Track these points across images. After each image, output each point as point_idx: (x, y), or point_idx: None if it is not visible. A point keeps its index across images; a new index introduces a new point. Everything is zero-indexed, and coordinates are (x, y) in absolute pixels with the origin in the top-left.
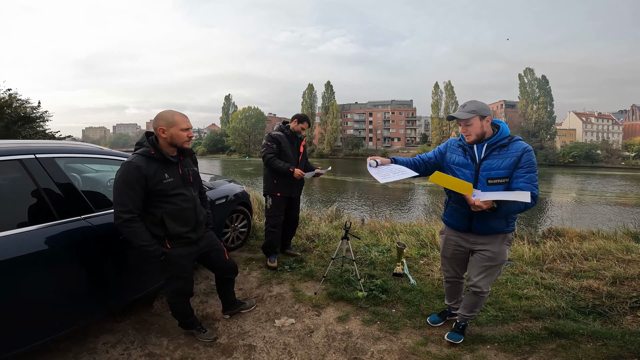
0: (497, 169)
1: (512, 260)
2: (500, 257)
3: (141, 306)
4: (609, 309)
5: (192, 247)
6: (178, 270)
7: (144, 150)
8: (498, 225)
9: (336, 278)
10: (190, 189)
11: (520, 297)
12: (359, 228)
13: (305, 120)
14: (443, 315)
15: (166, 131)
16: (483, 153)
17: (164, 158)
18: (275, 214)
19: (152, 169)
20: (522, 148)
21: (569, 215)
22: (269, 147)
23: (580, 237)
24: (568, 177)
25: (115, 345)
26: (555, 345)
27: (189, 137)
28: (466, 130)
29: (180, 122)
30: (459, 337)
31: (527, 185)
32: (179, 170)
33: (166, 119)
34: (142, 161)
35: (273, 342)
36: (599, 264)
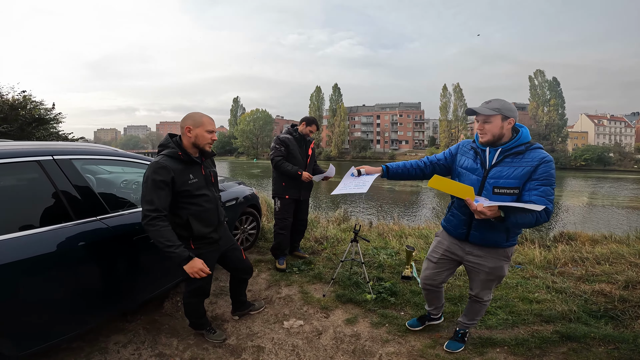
0: (506, 178)
1: (522, 264)
2: (497, 272)
3: (152, 306)
4: (621, 313)
5: (214, 247)
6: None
7: (170, 151)
8: (497, 239)
9: (345, 280)
10: (212, 189)
11: (531, 301)
12: (367, 231)
13: (314, 123)
14: (422, 319)
15: (192, 130)
16: (495, 158)
17: (189, 159)
18: (284, 216)
19: (179, 170)
20: (539, 158)
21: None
22: (277, 150)
23: (593, 241)
24: (580, 180)
25: (126, 345)
26: (566, 348)
27: (212, 139)
28: (483, 128)
29: (206, 124)
30: (459, 345)
31: (541, 199)
32: (202, 171)
33: (194, 119)
34: (169, 161)
35: (281, 343)
36: (612, 268)
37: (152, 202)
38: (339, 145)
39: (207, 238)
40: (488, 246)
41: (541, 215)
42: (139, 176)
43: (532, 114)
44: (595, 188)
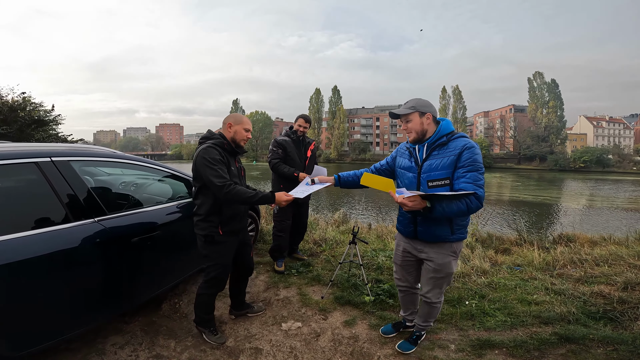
0: (436, 170)
1: (521, 265)
2: (445, 269)
3: (150, 308)
4: (620, 314)
5: (236, 238)
6: (222, 259)
7: (218, 140)
8: (442, 233)
9: (343, 282)
10: (243, 181)
11: (530, 303)
12: (366, 233)
13: (299, 118)
14: (397, 326)
15: (233, 126)
16: (424, 154)
17: (231, 148)
18: (282, 218)
19: (224, 157)
20: (461, 145)
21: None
22: (275, 153)
23: (592, 242)
24: (579, 182)
25: (124, 347)
26: (565, 350)
27: (247, 137)
28: (407, 128)
29: (245, 123)
30: (410, 347)
31: (469, 185)
32: (236, 163)
33: (235, 117)
34: (218, 148)
35: (279, 345)
36: (611, 270)
37: (220, 175)
38: (338, 147)
39: (232, 225)
40: (435, 241)
41: (472, 201)
42: (138, 178)
43: (532, 116)
44: (594, 190)
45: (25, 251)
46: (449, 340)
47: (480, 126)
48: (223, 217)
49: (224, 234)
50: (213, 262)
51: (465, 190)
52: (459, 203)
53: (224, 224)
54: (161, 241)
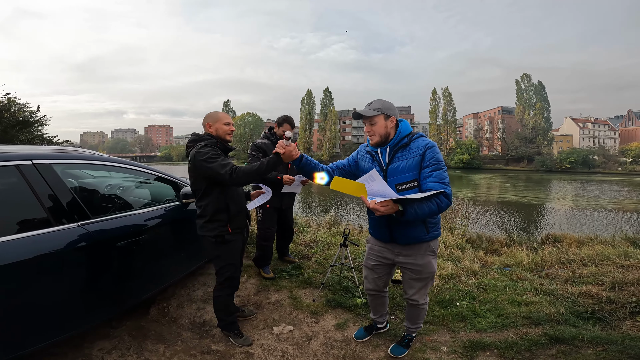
0: (402, 173)
1: (510, 266)
2: (427, 269)
3: (138, 312)
4: (608, 314)
5: (241, 236)
6: (233, 258)
7: (209, 141)
8: (418, 234)
9: (335, 285)
10: None
11: (520, 303)
12: (357, 235)
13: (286, 122)
14: (369, 329)
15: (212, 126)
16: (388, 157)
17: (224, 147)
18: (268, 225)
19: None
20: (423, 145)
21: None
22: (254, 157)
23: (579, 242)
24: (565, 183)
25: (111, 352)
26: (555, 351)
27: (230, 130)
28: (370, 130)
29: (222, 118)
30: (403, 350)
31: (437, 184)
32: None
33: (211, 116)
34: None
35: (271, 349)
36: (598, 270)
37: (224, 165)
38: (329, 149)
39: (239, 222)
40: (413, 243)
41: (441, 200)
42: (124, 181)
43: (519, 118)
44: (580, 190)
45: (5, 256)
46: (441, 342)
47: (470, 127)
48: (231, 214)
49: (233, 232)
50: (225, 262)
51: (434, 190)
52: (430, 204)
53: (232, 221)
54: (148, 245)
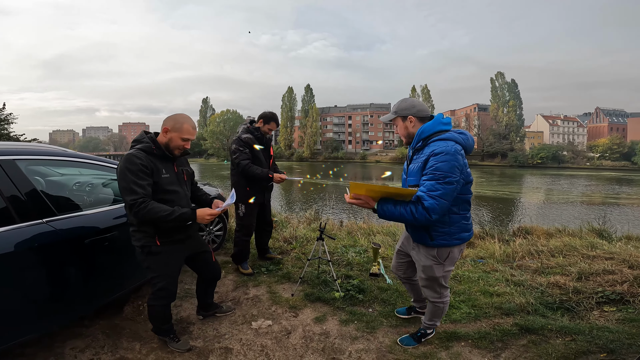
0: (411, 176)
1: (484, 258)
2: (427, 272)
3: (111, 311)
4: (576, 304)
5: (180, 247)
6: (165, 269)
7: (144, 145)
8: (420, 237)
9: (313, 279)
10: (183, 187)
11: (492, 294)
12: (337, 230)
13: (272, 121)
14: (409, 310)
15: (169, 133)
16: (410, 157)
17: (162, 154)
18: (250, 221)
19: (152, 163)
20: (429, 152)
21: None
22: (242, 153)
23: (548, 234)
24: (537, 177)
25: (84, 350)
26: (525, 341)
27: (184, 147)
28: (397, 132)
29: (185, 131)
30: (411, 342)
31: (423, 194)
32: (174, 168)
33: (175, 122)
34: (142, 154)
35: (250, 344)
36: (565, 260)
37: (133, 191)
38: (311, 145)
39: (174, 236)
40: (419, 242)
41: (417, 210)
42: (94, 178)
43: (493, 115)
44: (551, 185)
45: None
46: None
47: None
48: (159, 227)
49: (163, 244)
50: (156, 273)
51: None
52: (403, 209)
53: (162, 233)
54: (119, 242)
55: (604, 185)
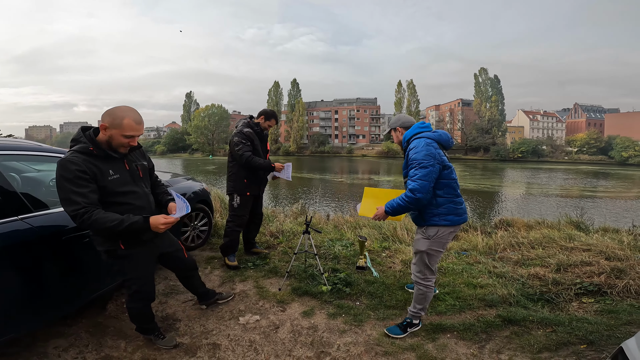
0: (404, 170)
1: (467, 250)
2: (416, 246)
3: (94, 309)
4: (555, 296)
5: (147, 247)
6: (137, 271)
7: (81, 146)
8: (417, 220)
9: (300, 273)
10: (141, 185)
11: (475, 286)
12: (324, 223)
13: (273, 118)
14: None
15: (108, 130)
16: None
17: (104, 154)
18: (243, 213)
19: (93, 166)
20: (409, 149)
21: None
22: (245, 145)
23: (528, 226)
24: (517, 171)
25: (68, 349)
26: (508, 332)
27: (129, 144)
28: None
29: (126, 128)
30: (397, 331)
31: (408, 181)
32: (125, 165)
33: (113, 117)
34: (79, 158)
35: (238, 339)
36: (544, 252)
37: (74, 201)
38: (297, 140)
39: (138, 238)
40: (418, 225)
41: (405, 196)
42: None
43: (477, 110)
44: (531, 178)
45: None
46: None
47: (432, 119)
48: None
49: (128, 247)
50: (129, 276)
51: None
52: (398, 200)
53: (124, 238)
54: None
55: (582, 179)
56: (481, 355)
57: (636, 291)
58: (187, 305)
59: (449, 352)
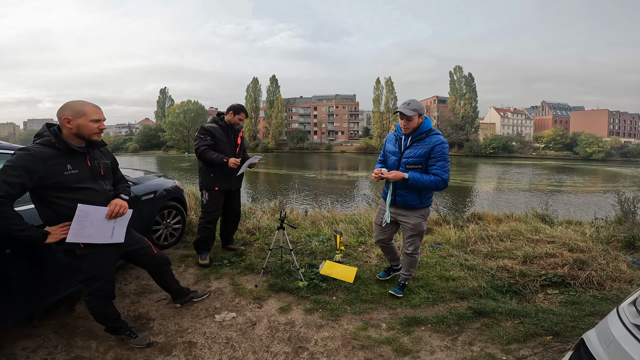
0: (413, 157)
1: (441, 243)
2: (418, 228)
3: (61, 310)
4: (522, 287)
5: (108, 246)
6: (97, 270)
7: (44, 139)
8: (412, 202)
9: (277, 269)
10: (101, 183)
11: (448, 279)
12: (301, 219)
13: (242, 111)
14: (388, 271)
15: (72, 121)
16: (407, 144)
17: (67, 148)
18: (213, 209)
19: (52, 159)
20: (434, 141)
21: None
22: (202, 140)
23: (497, 220)
24: (489, 166)
25: (36, 350)
26: (479, 324)
27: (99, 129)
28: (407, 125)
29: (90, 113)
30: (399, 292)
31: (439, 171)
32: (87, 162)
33: (74, 108)
34: (41, 149)
35: (214, 337)
36: (512, 245)
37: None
38: (276, 136)
39: None
40: (408, 207)
41: (439, 182)
42: None
43: (451, 107)
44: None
45: None
46: (380, 319)
47: None
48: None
49: (88, 246)
50: (88, 275)
51: (436, 174)
52: (429, 179)
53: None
54: None
55: (548, 174)
56: (454, 346)
57: (598, 282)
58: (160, 304)
59: (424, 345)
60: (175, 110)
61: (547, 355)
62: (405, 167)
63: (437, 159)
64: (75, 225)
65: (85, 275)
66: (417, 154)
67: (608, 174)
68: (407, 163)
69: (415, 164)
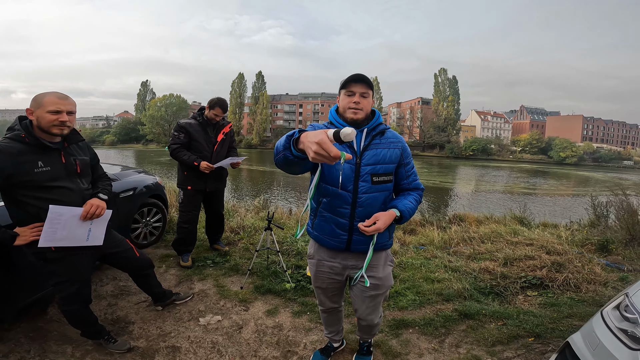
0: (383, 163)
1: (425, 245)
2: (387, 282)
3: (32, 313)
4: (503, 289)
5: (83, 249)
6: (72, 273)
7: (14, 134)
8: (381, 240)
9: (263, 271)
10: (77, 181)
11: (433, 280)
12: (286, 218)
13: (217, 106)
14: (327, 352)
15: (34, 113)
16: (364, 141)
17: (37, 142)
18: (188, 208)
19: (21, 155)
20: (399, 137)
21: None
22: (175, 138)
23: (478, 221)
24: (469, 168)
25: (8, 355)
26: (465, 326)
27: (59, 121)
28: (360, 103)
29: (48, 103)
30: (367, 358)
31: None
32: (61, 158)
33: (36, 99)
34: (8, 145)
35: (200, 341)
36: (493, 247)
37: None
38: (260, 133)
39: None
40: (381, 249)
41: (420, 195)
42: None
43: (435, 108)
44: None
45: None
46: None
47: (394, 116)
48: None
49: (59, 250)
50: (63, 278)
51: (418, 187)
52: (414, 201)
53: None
54: None
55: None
56: (442, 349)
57: (575, 284)
58: (140, 307)
59: (412, 347)
60: (156, 104)
61: (529, 356)
62: (372, 180)
63: (410, 164)
64: (47, 228)
65: (58, 279)
66: (387, 158)
67: (580, 178)
68: (375, 173)
69: (386, 173)
